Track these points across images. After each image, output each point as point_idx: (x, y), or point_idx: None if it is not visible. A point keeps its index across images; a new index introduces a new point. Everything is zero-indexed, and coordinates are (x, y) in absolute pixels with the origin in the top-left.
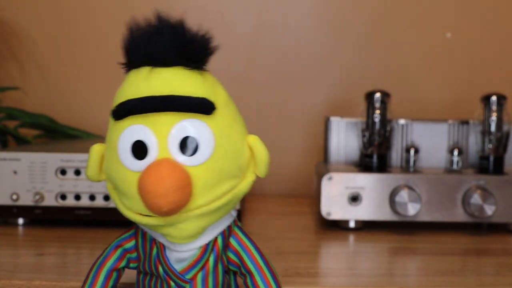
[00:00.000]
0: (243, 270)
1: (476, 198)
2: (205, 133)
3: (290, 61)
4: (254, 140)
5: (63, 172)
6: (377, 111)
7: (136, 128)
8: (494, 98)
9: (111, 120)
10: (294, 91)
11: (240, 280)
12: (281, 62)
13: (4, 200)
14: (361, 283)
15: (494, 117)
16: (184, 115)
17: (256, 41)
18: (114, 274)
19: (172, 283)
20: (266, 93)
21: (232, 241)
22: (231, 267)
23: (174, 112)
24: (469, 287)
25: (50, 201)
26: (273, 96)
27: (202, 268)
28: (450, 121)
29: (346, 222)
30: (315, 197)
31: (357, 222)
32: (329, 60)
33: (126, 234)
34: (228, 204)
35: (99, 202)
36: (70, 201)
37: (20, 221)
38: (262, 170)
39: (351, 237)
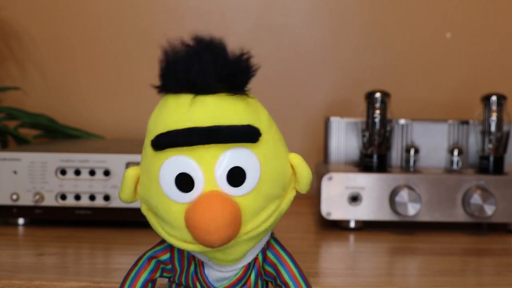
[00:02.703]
0: (278, 282)
1: (476, 198)
2: (252, 162)
3: (290, 61)
4: (296, 159)
5: (63, 172)
6: (377, 111)
7: (180, 160)
8: (494, 98)
9: (150, 150)
10: (294, 91)
11: None
12: (281, 62)
13: (4, 200)
14: (361, 283)
15: (494, 117)
16: (230, 145)
17: (256, 41)
18: (149, 285)
19: None
20: (266, 93)
21: (269, 253)
22: (266, 278)
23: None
24: (469, 287)
25: (50, 201)
26: (273, 96)
27: (243, 285)
28: (450, 121)
29: (346, 222)
30: (315, 197)
31: (357, 222)
32: (329, 60)
33: (161, 246)
34: (272, 225)
35: (99, 202)
36: (70, 201)
37: (20, 221)
38: (304, 188)
39: (351, 237)
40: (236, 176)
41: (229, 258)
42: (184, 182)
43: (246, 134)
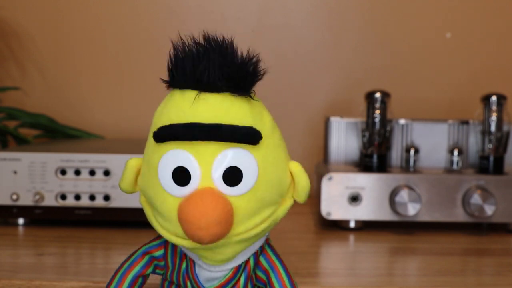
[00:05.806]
0: None
1: (476, 198)
2: (250, 164)
3: (290, 61)
4: (296, 168)
5: (63, 172)
6: (377, 111)
7: (179, 154)
8: (494, 98)
9: (152, 141)
10: (294, 91)
11: None
12: (281, 62)
13: (4, 200)
14: (361, 283)
15: (494, 117)
16: (229, 144)
17: (256, 41)
18: (140, 280)
19: None
20: (266, 93)
21: (262, 259)
22: (257, 284)
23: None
24: (469, 287)
25: (50, 201)
26: (273, 96)
27: (232, 287)
28: (450, 121)
29: (346, 222)
30: (315, 197)
31: (357, 222)
32: (329, 60)
33: (156, 242)
34: (265, 230)
35: (99, 202)
36: (70, 201)
37: (20, 221)
38: (302, 197)
39: (351, 237)
40: (232, 176)
41: (218, 258)
42: (181, 176)
43: (247, 135)
